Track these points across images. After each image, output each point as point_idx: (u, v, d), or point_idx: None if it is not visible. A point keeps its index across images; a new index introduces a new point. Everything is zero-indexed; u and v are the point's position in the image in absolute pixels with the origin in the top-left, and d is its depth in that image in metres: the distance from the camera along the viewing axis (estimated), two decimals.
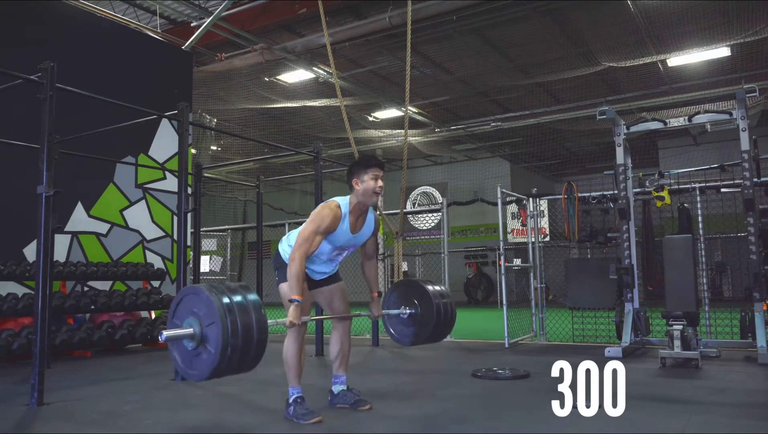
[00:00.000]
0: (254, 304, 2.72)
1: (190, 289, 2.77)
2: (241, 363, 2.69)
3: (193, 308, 2.68)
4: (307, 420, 3.01)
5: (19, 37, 6.78)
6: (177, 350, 2.75)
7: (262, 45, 9.92)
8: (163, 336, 2.61)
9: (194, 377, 2.76)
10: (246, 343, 2.61)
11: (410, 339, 3.72)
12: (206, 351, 2.62)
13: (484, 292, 18.08)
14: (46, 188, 3.85)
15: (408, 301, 3.68)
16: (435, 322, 3.61)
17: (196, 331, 2.64)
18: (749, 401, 3.60)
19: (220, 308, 2.58)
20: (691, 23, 9.22)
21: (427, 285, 3.68)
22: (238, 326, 2.59)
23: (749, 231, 5.27)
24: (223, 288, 2.70)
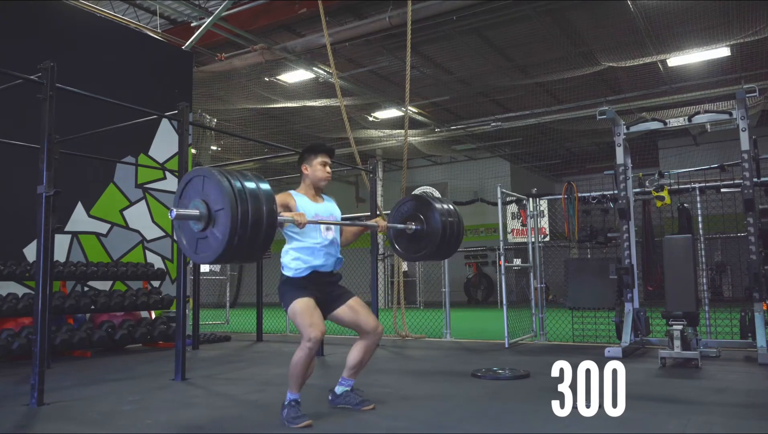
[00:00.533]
0: (265, 193, 2.67)
1: (200, 171, 2.72)
2: (248, 252, 2.66)
3: (202, 191, 2.64)
4: (297, 424, 3.01)
5: (19, 37, 6.78)
6: (183, 233, 2.72)
7: (262, 45, 9.93)
8: (173, 213, 2.59)
9: (199, 259, 2.74)
10: (254, 232, 2.58)
11: (415, 255, 3.74)
12: (213, 233, 2.58)
13: (484, 292, 18.08)
14: (46, 188, 3.85)
15: (415, 217, 3.68)
16: (440, 239, 3.61)
17: (203, 212, 2.61)
18: (749, 401, 3.60)
19: (230, 192, 2.54)
20: (691, 23, 9.22)
21: (435, 202, 3.66)
22: (248, 212, 2.54)
23: (749, 231, 5.27)
24: (235, 172, 2.67)
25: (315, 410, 3.32)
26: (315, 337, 3.02)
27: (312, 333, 3.01)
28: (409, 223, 3.68)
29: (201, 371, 5.14)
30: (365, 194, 15.82)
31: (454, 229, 3.70)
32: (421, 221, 3.66)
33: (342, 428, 3.06)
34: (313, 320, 3.06)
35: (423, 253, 3.72)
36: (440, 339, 7.55)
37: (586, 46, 10.47)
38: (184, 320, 4.81)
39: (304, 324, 3.05)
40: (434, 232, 3.62)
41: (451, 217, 3.70)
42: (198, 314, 7.14)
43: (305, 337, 3.03)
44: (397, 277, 8.44)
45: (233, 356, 6.34)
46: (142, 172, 7.92)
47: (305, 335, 3.03)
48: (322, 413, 3.31)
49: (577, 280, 6.64)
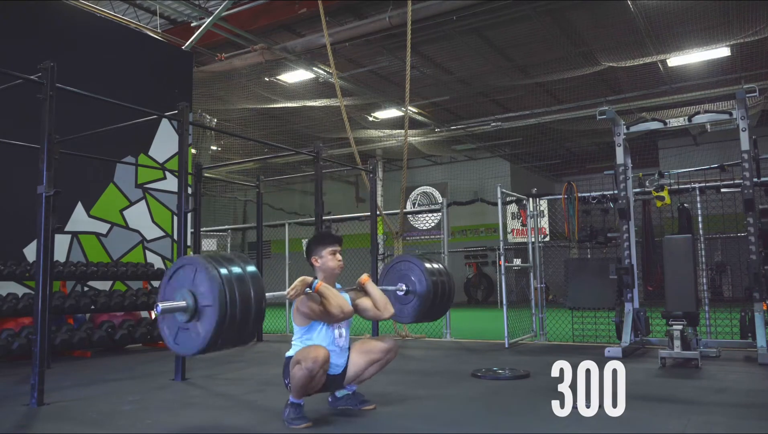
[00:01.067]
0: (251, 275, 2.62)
1: (183, 260, 2.68)
2: (237, 336, 2.62)
3: (191, 281, 2.58)
4: (297, 425, 3.00)
5: (19, 37, 6.78)
6: (167, 324, 2.66)
7: (262, 45, 9.92)
8: (159, 309, 2.55)
9: (179, 351, 2.69)
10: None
11: (407, 317, 3.73)
12: (200, 324, 2.53)
13: (484, 292, 18.08)
14: (46, 188, 3.85)
15: (405, 278, 3.68)
16: (432, 300, 3.61)
17: (190, 304, 2.55)
18: (749, 401, 3.60)
19: (217, 280, 2.49)
20: (691, 23, 9.22)
21: (425, 262, 3.66)
22: (236, 298, 2.50)
23: (749, 231, 5.27)
24: (218, 258, 2.61)
25: (316, 409, 3.32)
26: (314, 358, 2.94)
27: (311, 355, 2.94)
28: (400, 284, 3.67)
29: (201, 371, 5.13)
30: (365, 194, 15.82)
31: (445, 289, 3.70)
32: (412, 282, 3.65)
33: (342, 428, 3.06)
34: (313, 349, 2.99)
35: (416, 315, 3.69)
36: (440, 339, 7.55)
37: (586, 46, 10.47)
38: None
39: (302, 354, 2.98)
40: (425, 292, 3.61)
41: (442, 276, 3.70)
42: None
43: (304, 363, 2.94)
44: None
45: (233, 356, 6.33)
46: (142, 172, 7.92)
47: (304, 362, 2.95)
48: (322, 413, 3.31)
49: (577, 280, 6.64)
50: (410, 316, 3.72)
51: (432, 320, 3.90)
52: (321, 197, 6.34)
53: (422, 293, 3.65)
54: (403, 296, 3.70)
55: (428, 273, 3.64)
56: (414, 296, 3.68)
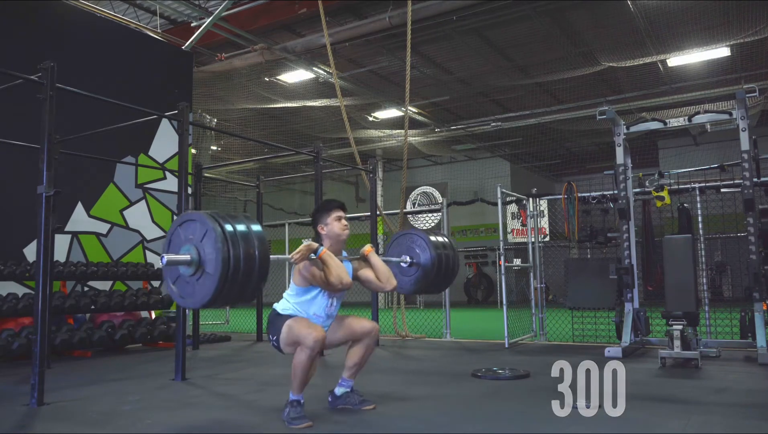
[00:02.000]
0: (257, 235, 2.66)
1: (188, 216, 2.72)
2: (239, 294, 2.66)
3: (193, 235, 2.63)
4: (297, 425, 3.00)
5: (19, 37, 6.78)
6: (173, 278, 2.72)
7: (262, 45, 9.93)
8: (164, 260, 2.60)
9: (186, 304, 2.74)
10: (245, 276, 2.57)
11: (410, 288, 3.74)
12: (203, 279, 2.58)
13: (484, 292, 18.08)
14: (46, 188, 3.85)
15: (410, 250, 3.68)
16: (435, 273, 3.62)
17: (194, 257, 2.59)
18: (749, 401, 3.60)
19: (220, 236, 2.53)
20: (691, 23, 9.22)
21: (430, 235, 3.67)
22: (240, 255, 2.54)
23: (749, 231, 5.27)
24: (226, 216, 2.66)
25: (315, 410, 3.32)
26: (315, 337, 2.98)
27: (312, 335, 2.97)
28: (404, 256, 3.68)
29: (201, 371, 5.14)
30: (365, 194, 15.83)
31: (449, 262, 3.72)
32: (416, 254, 3.66)
33: (342, 428, 3.06)
34: (310, 328, 3.02)
35: (417, 287, 3.72)
36: (440, 339, 7.55)
37: (586, 46, 10.47)
38: (184, 320, 4.81)
39: (302, 333, 3.01)
40: (429, 265, 3.61)
41: (446, 250, 3.71)
42: (198, 314, 7.14)
43: (305, 343, 2.99)
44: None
45: (233, 356, 6.34)
46: (142, 172, 7.92)
47: (305, 342, 2.99)
48: (322, 413, 3.31)
49: (577, 280, 6.64)
50: (413, 287, 3.75)
51: (435, 292, 3.92)
52: (321, 197, 6.34)
53: (426, 265, 3.66)
54: (407, 268, 3.72)
55: (433, 246, 3.64)
56: (418, 268, 3.69)
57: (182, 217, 2.74)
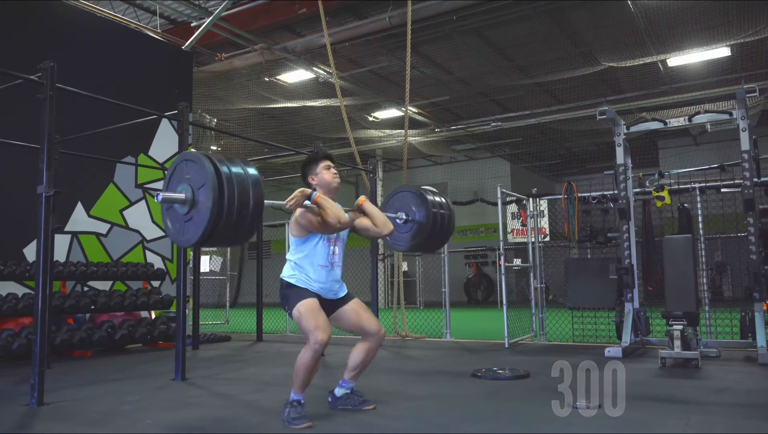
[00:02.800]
0: (252, 177, 2.73)
1: (186, 155, 2.82)
2: (233, 235, 2.74)
3: (186, 175, 2.73)
4: (297, 425, 3.00)
5: (19, 37, 6.78)
6: (169, 216, 2.81)
7: (262, 45, 9.92)
8: (159, 197, 2.70)
9: (184, 242, 2.81)
10: (239, 216, 2.65)
11: (405, 245, 3.75)
12: (197, 216, 2.67)
13: (484, 292, 18.08)
14: (46, 188, 3.85)
15: (406, 207, 3.69)
16: (430, 231, 3.63)
17: (188, 196, 2.69)
18: (749, 401, 3.60)
19: (213, 176, 2.61)
20: (691, 23, 9.22)
21: (427, 194, 3.68)
22: (234, 196, 2.62)
23: (749, 231, 5.27)
24: (222, 158, 2.73)
25: (316, 410, 3.33)
26: (322, 340, 2.97)
27: (319, 336, 2.97)
28: (400, 213, 3.69)
29: (201, 371, 5.14)
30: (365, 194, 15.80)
31: (444, 221, 3.73)
32: (413, 212, 3.67)
33: (342, 428, 3.06)
34: (318, 322, 3.03)
35: (413, 243, 3.74)
36: (440, 339, 7.55)
37: (586, 46, 10.47)
38: (184, 320, 4.81)
39: (309, 328, 3.01)
40: (424, 223, 3.63)
41: (443, 209, 3.72)
42: (198, 314, 7.14)
43: (312, 340, 2.99)
44: (397, 277, 8.43)
45: (233, 356, 6.34)
46: (142, 172, 7.92)
47: (312, 338, 2.99)
48: (322, 413, 3.31)
49: (577, 280, 6.64)
50: (407, 244, 3.76)
51: (429, 251, 3.92)
52: None
53: (422, 222, 3.66)
54: (402, 224, 3.73)
55: (429, 204, 3.65)
56: (413, 225, 3.70)
57: (181, 156, 2.85)
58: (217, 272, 14.20)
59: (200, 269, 7.89)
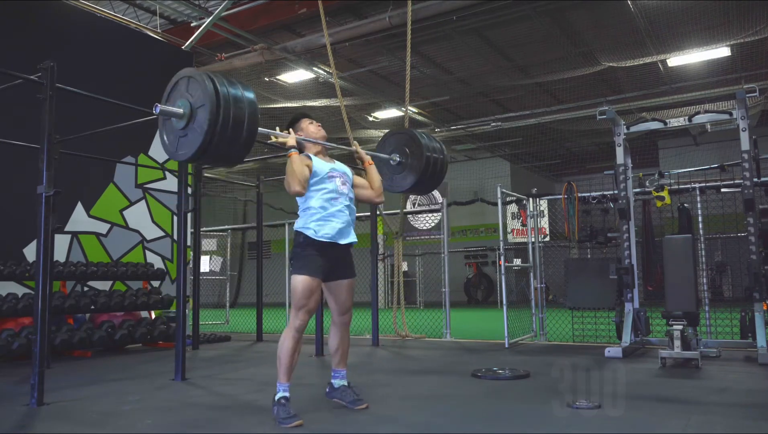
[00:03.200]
0: (248, 99, 2.81)
1: (187, 72, 2.87)
2: (227, 150, 2.80)
3: (187, 91, 2.80)
4: (288, 424, 3.01)
5: (19, 37, 6.78)
6: (166, 129, 2.88)
7: (262, 45, 9.92)
8: (157, 109, 2.77)
9: (179, 156, 2.87)
10: (234, 131, 2.72)
11: (397, 186, 3.83)
12: (192, 132, 2.74)
13: (484, 292, 18.08)
14: (46, 188, 3.85)
15: (400, 149, 3.75)
16: (422, 173, 3.70)
17: (186, 111, 2.76)
18: (749, 401, 3.60)
19: (212, 93, 2.67)
20: (691, 23, 9.23)
21: (422, 138, 3.74)
22: (230, 113, 2.69)
23: (749, 231, 5.27)
24: (222, 78, 2.80)
25: (309, 409, 3.33)
26: (302, 322, 3.14)
27: (300, 317, 3.13)
28: (394, 154, 3.72)
29: (201, 371, 5.14)
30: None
31: (437, 165, 3.79)
32: (406, 155, 3.71)
33: (341, 428, 3.06)
34: (308, 303, 3.14)
35: (404, 184, 3.81)
36: (440, 339, 7.55)
37: (586, 46, 10.47)
38: (184, 320, 4.81)
39: (298, 304, 3.15)
40: (417, 165, 3.67)
41: (436, 153, 3.77)
42: (198, 314, 7.14)
43: (293, 320, 3.13)
44: (397, 277, 8.43)
45: (233, 356, 6.34)
46: (142, 172, 7.92)
47: (293, 317, 3.14)
48: (316, 413, 3.31)
49: (577, 280, 6.64)
50: (400, 186, 3.84)
51: (421, 193, 4.01)
52: None
53: (415, 165, 3.73)
54: (396, 166, 3.78)
55: (424, 147, 3.71)
56: (406, 168, 3.77)
57: (182, 73, 2.92)
58: (217, 272, 14.20)
59: (200, 269, 7.89)
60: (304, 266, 3.18)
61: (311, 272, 3.17)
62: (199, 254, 7.66)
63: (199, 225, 7.49)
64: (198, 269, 7.53)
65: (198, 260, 7.59)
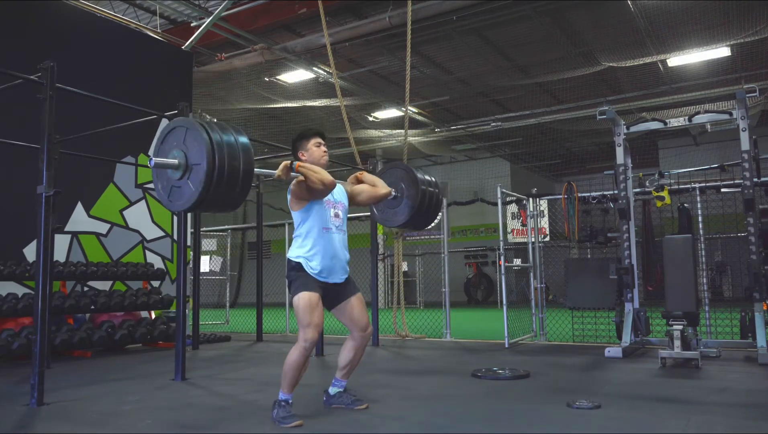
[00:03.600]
0: (243, 146, 2.82)
1: (182, 122, 2.86)
2: (225, 200, 2.82)
3: (182, 141, 2.79)
4: (287, 424, 3.01)
5: (19, 37, 6.78)
6: (160, 179, 2.89)
7: (262, 45, 9.93)
8: (152, 162, 2.77)
9: (173, 207, 2.89)
10: (230, 181, 2.74)
11: (395, 222, 3.84)
12: (189, 182, 2.75)
13: (484, 292, 18.08)
14: (46, 188, 3.85)
15: (396, 184, 3.77)
16: (417, 209, 3.71)
17: (181, 162, 2.76)
18: (749, 401, 3.60)
19: (209, 147, 2.68)
20: (691, 23, 9.22)
21: (417, 172, 3.76)
22: (225, 163, 2.70)
23: (749, 231, 5.27)
24: (213, 125, 2.81)
25: (310, 410, 3.33)
26: (312, 338, 3.06)
27: (309, 334, 3.05)
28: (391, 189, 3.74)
29: (201, 371, 5.14)
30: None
31: (432, 200, 3.81)
32: (401, 189, 3.74)
33: (340, 428, 3.06)
34: (313, 319, 3.08)
35: (399, 220, 3.82)
36: (440, 339, 7.55)
37: (586, 46, 10.47)
38: (184, 320, 4.81)
39: (303, 322, 3.09)
40: (412, 200, 3.69)
41: (431, 187, 3.79)
42: (198, 314, 7.14)
43: (302, 337, 3.06)
44: (397, 277, 8.43)
45: (233, 356, 6.34)
46: (142, 172, 7.92)
47: (302, 334, 3.06)
48: (316, 413, 3.31)
49: (577, 280, 6.64)
50: (397, 221, 3.85)
51: (417, 228, 4.03)
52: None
53: (410, 199, 3.75)
54: (392, 201, 3.80)
55: (419, 182, 3.73)
56: (401, 203, 3.79)
57: (173, 123, 2.91)
58: (217, 272, 14.18)
59: (200, 269, 7.89)
60: (302, 285, 3.16)
61: (309, 288, 3.15)
62: (199, 254, 7.67)
63: (199, 225, 7.50)
64: (198, 269, 7.53)
65: (198, 260, 7.59)
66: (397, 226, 3.91)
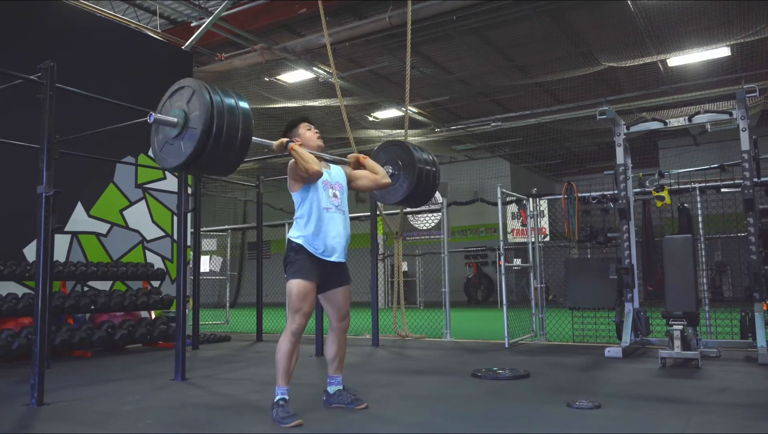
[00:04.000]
0: (243, 111, 2.85)
1: (189, 83, 2.91)
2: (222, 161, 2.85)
3: (186, 102, 2.83)
4: (287, 424, 3.02)
5: (19, 37, 6.78)
6: (158, 135, 2.92)
7: (262, 45, 9.93)
8: (152, 117, 2.81)
9: (164, 164, 2.93)
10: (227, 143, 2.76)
11: (392, 198, 3.89)
12: (186, 138, 2.78)
13: (484, 292, 18.08)
14: (46, 188, 3.85)
15: (393, 162, 3.79)
16: (415, 186, 3.73)
17: (180, 121, 2.79)
18: (749, 401, 3.60)
19: (209, 108, 2.70)
20: (691, 23, 9.22)
21: (415, 150, 3.78)
22: (224, 126, 2.72)
23: (749, 231, 5.27)
24: (218, 90, 2.83)
25: (309, 410, 3.33)
26: (299, 324, 3.15)
27: (297, 320, 3.15)
28: (387, 166, 3.75)
29: (201, 371, 5.14)
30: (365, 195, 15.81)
31: (429, 177, 3.83)
32: (399, 167, 3.74)
33: (339, 428, 3.06)
34: (303, 306, 3.16)
35: (397, 196, 3.84)
36: (440, 339, 7.55)
37: (586, 46, 10.47)
38: (184, 320, 4.81)
39: (293, 307, 3.17)
40: (410, 178, 3.71)
41: (429, 165, 3.81)
42: (198, 314, 7.14)
43: (290, 323, 3.16)
44: (397, 277, 8.43)
45: (233, 356, 6.34)
46: (142, 172, 7.92)
47: (290, 320, 3.16)
48: (316, 413, 3.32)
49: (577, 280, 6.64)
50: (394, 198, 3.88)
51: (414, 205, 4.04)
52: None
53: (408, 177, 3.77)
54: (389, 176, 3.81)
55: (416, 159, 3.75)
56: (399, 179, 3.81)
57: (182, 81, 2.96)
58: (217, 272, 14.19)
59: (200, 269, 7.89)
60: (298, 270, 3.21)
61: (305, 276, 3.19)
62: (199, 254, 7.66)
63: (199, 225, 7.49)
64: (198, 269, 7.53)
65: (198, 260, 7.59)
66: (395, 202, 3.94)
